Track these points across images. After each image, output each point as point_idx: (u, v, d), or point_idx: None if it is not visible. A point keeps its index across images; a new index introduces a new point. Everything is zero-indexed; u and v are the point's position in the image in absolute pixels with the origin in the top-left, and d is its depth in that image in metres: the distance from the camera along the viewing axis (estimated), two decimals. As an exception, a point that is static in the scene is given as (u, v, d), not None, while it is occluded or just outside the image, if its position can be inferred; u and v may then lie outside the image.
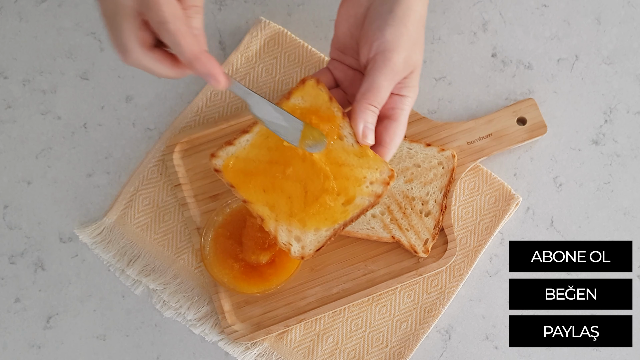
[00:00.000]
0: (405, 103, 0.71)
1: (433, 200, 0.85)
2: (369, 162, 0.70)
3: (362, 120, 0.68)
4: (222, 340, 0.85)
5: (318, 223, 0.71)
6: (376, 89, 0.68)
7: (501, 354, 0.85)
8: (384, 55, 0.68)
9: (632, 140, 0.89)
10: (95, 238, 0.87)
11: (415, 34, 0.70)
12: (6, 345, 0.86)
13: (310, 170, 0.70)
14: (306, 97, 0.71)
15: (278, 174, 0.71)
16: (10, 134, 0.90)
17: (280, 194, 0.71)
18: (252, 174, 0.71)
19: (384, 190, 0.70)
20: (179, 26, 0.61)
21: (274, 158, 0.71)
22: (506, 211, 0.87)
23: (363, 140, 0.69)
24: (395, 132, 0.70)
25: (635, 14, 0.92)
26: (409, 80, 0.71)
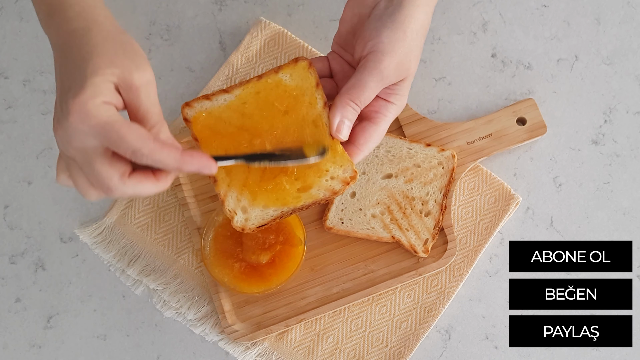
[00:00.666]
0: (390, 110, 0.71)
1: (433, 200, 0.85)
2: (336, 157, 0.69)
3: (339, 114, 0.68)
4: (223, 340, 0.85)
5: (268, 201, 0.70)
6: (361, 87, 0.68)
7: (501, 354, 0.85)
8: (376, 56, 0.68)
9: (632, 140, 0.89)
10: (96, 238, 0.87)
11: (413, 42, 0.69)
12: (6, 345, 0.86)
13: (276, 148, 0.70)
14: (294, 76, 0.71)
15: (244, 141, 0.70)
16: (11, 134, 0.90)
17: None
18: (219, 133, 0.71)
19: (341, 189, 0.70)
20: (152, 146, 0.58)
21: (245, 125, 0.70)
22: (506, 211, 0.87)
23: (336, 133, 0.69)
24: (372, 135, 0.70)
25: (635, 14, 0.92)
26: (398, 87, 0.71)
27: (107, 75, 0.59)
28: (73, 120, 0.57)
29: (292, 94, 0.71)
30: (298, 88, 0.71)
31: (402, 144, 0.86)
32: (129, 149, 0.58)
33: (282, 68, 0.71)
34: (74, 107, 0.57)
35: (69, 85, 0.59)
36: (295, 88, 0.71)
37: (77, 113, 0.57)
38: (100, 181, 0.60)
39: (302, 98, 0.70)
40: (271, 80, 0.71)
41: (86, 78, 0.58)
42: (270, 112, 0.71)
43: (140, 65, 0.61)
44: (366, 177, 0.86)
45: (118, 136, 0.58)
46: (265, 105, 0.71)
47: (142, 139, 0.58)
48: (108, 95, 0.59)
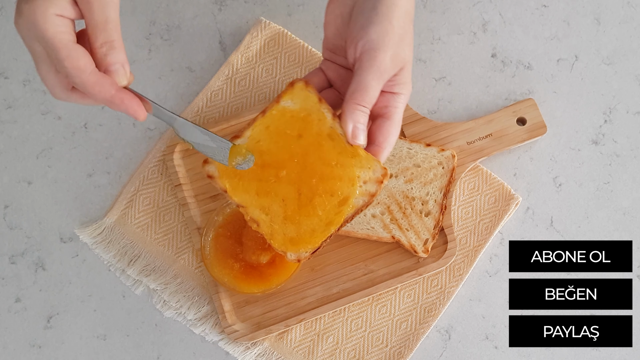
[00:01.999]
0: (399, 100, 0.70)
1: (433, 200, 0.85)
2: (362, 161, 0.69)
3: (351, 120, 0.67)
4: (223, 340, 0.85)
5: (313, 225, 0.70)
6: (364, 89, 0.67)
7: (501, 354, 0.85)
8: (369, 55, 0.67)
9: (632, 140, 0.89)
10: (96, 238, 0.87)
11: (401, 30, 0.69)
12: (6, 345, 0.86)
13: (303, 172, 0.70)
14: (295, 100, 0.71)
15: (271, 177, 0.70)
16: (11, 134, 0.90)
17: (274, 197, 0.70)
18: (244, 178, 0.71)
19: (377, 189, 0.69)
20: (84, 77, 0.60)
21: (266, 161, 0.70)
22: (506, 211, 0.87)
23: (353, 140, 0.68)
24: (390, 130, 0.70)
25: (635, 14, 0.92)
26: (399, 77, 0.70)
27: None
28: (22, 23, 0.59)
29: (300, 117, 0.70)
30: (303, 109, 0.70)
31: (402, 144, 0.86)
32: (63, 71, 0.60)
33: (282, 96, 0.71)
34: (25, 12, 0.59)
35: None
36: (300, 110, 0.70)
37: (26, 19, 0.59)
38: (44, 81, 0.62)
39: (310, 117, 0.70)
40: (275, 111, 0.71)
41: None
42: (285, 141, 0.70)
43: None
44: (366, 177, 0.86)
45: (56, 57, 0.59)
46: (278, 137, 0.70)
47: (78, 69, 0.60)
48: (61, 7, 0.59)
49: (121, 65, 0.63)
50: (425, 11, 0.92)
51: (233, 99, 0.90)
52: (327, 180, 0.69)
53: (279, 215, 0.71)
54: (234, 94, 0.90)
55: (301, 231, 0.70)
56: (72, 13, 0.61)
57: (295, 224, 0.70)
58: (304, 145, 0.70)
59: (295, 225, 0.70)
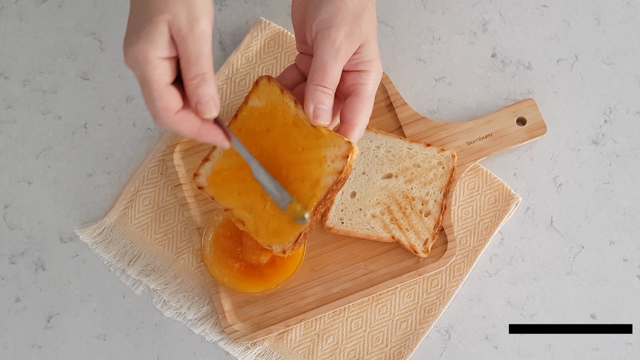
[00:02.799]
0: (366, 78, 0.69)
1: (433, 200, 0.85)
2: (326, 140, 0.69)
3: (311, 102, 0.67)
4: (223, 340, 0.85)
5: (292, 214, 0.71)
6: (321, 69, 0.67)
7: (501, 353, 0.85)
8: (322, 34, 0.67)
9: (632, 140, 0.89)
10: (96, 238, 0.87)
11: (356, 7, 0.68)
12: (6, 345, 0.86)
13: (274, 164, 0.71)
14: (261, 97, 0.72)
15: (248, 175, 0.72)
16: (11, 134, 0.90)
17: (254, 195, 0.72)
18: (227, 182, 0.74)
19: (344, 165, 0.69)
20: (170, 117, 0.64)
21: (242, 162, 0.72)
22: (506, 211, 0.87)
23: (315, 121, 0.68)
24: (357, 107, 0.69)
25: (635, 14, 0.92)
26: (361, 54, 0.69)
27: (160, 23, 0.63)
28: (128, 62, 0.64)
29: (267, 112, 0.72)
30: (269, 104, 0.72)
31: (402, 144, 0.86)
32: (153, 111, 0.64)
33: (249, 96, 0.73)
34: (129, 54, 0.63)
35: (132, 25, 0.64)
36: (266, 106, 0.72)
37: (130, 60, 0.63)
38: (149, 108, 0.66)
39: (275, 110, 0.71)
40: (245, 112, 0.73)
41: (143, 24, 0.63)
42: (255, 138, 0.72)
43: (193, 13, 0.63)
44: (366, 177, 0.86)
45: (149, 95, 0.63)
46: (249, 136, 0.72)
47: (164, 110, 0.64)
48: (160, 48, 0.63)
49: (212, 98, 0.65)
50: (425, 11, 0.92)
51: (233, 99, 0.90)
52: (296, 166, 0.70)
53: (260, 210, 0.73)
54: (234, 94, 0.90)
55: (281, 222, 0.72)
56: (171, 52, 0.64)
57: (275, 216, 0.72)
58: (272, 138, 0.71)
59: (274, 217, 0.72)
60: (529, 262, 0.87)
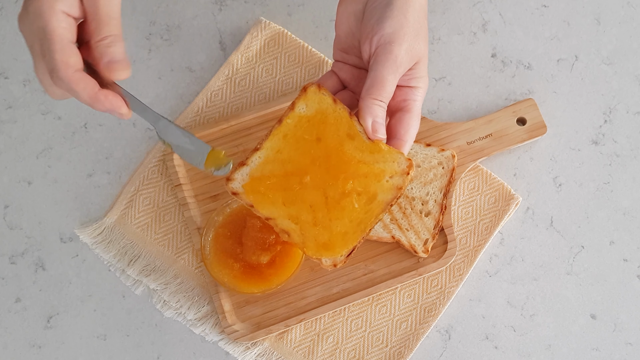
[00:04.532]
0: (417, 94, 0.70)
1: (433, 200, 0.85)
2: (385, 155, 0.68)
3: (369, 115, 0.67)
4: (223, 340, 0.85)
5: (344, 227, 0.70)
6: (380, 83, 0.67)
7: (501, 353, 0.85)
8: (385, 49, 0.67)
9: (632, 140, 0.89)
10: (96, 238, 0.87)
11: (417, 24, 0.69)
12: (6, 345, 0.86)
13: (327, 175, 0.69)
14: (310, 104, 0.70)
15: (295, 185, 0.69)
16: (11, 134, 0.90)
17: (301, 205, 0.70)
18: (269, 190, 0.70)
19: (404, 182, 0.68)
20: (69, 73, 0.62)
21: (288, 170, 0.70)
22: (506, 211, 0.87)
23: (374, 135, 0.68)
24: (410, 123, 0.69)
25: (635, 14, 0.92)
26: (415, 71, 0.70)
27: None
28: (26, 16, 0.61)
29: (316, 121, 0.70)
30: (319, 113, 0.70)
31: (402, 144, 0.86)
32: (50, 66, 0.61)
33: (296, 102, 0.70)
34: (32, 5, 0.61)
35: None
36: (315, 114, 0.70)
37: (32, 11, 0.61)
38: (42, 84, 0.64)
39: (327, 119, 0.69)
40: (290, 119, 0.70)
41: None
42: (305, 147, 0.70)
43: None
44: (366, 177, 0.86)
45: (48, 48, 0.61)
46: (297, 144, 0.70)
47: (66, 64, 0.61)
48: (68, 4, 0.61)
49: (124, 57, 0.64)
50: (425, 11, 0.92)
51: (233, 99, 0.90)
52: (352, 180, 0.69)
53: (308, 222, 0.70)
54: (234, 94, 0.90)
55: (333, 235, 0.70)
56: (78, 12, 0.63)
57: (326, 229, 0.70)
58: (324, 148, 0.69)
59: (326, 229, 0.70)
60: (529, 262, 0.87)
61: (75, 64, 0.62)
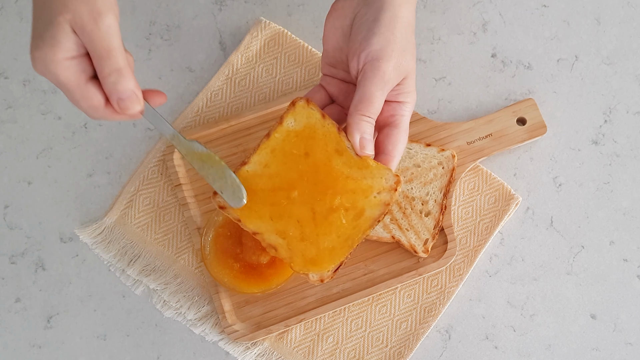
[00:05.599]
0: (404, 109, 0.71)
1: (433, 200, 0.85)
2: (372, 171, 0.69)
3: (357, 131, 0.67)
4: (223, 340, 0.85)
5: (331, 242, 0.70)
6: (368, 100, 0.67)
7: (501, 353, 0.85)
8: (372, 65, 0.68)
9: (632, 140, 0.89)
10: (96, 238, 0.87)
11: (404, 40, 0.69)
12: (6, 345, 0.86)
13: (314, 190, 0.69)
14: (298, 119, 0.70)
15: (283, 200, 0.70)
16: (11, 134, 0.90)
17: (289, 220, 0.70)
18: (256, 204, 0.70)
19: (392, 197, 0.69)
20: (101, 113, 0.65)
21: (276, 184, 0.70)
22: (506, 211, 0.87)
23: (361, 151, 0.68)
24: (398, 138, 0.70)
25: (635, 14, 0.92)
26: (403, 86, 0.70)
27: (62, 24, 0.62)
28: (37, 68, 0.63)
29: (304, 135, 0.70)
30: (307, 128, 0.70)
31: (402, 144, 0.86)
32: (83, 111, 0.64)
33: (284, 117, 0.70)
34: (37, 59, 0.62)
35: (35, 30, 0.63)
36: (304, 129, 0.70)
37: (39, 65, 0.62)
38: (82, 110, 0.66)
39: (315, 134, 0.69)
40: (279, 133, 0.70)
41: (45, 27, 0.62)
42: (293, 162, 0.70)
43: (95, 9, 0.62)
44: (366, 177, 0.86)
45: (72, 98, 0.63)
46: (285, 158, 0.70)
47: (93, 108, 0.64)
48: (66, 49, 0.62)
49: (132, 92, 0.64)
50: (425, 11, 0.92)
51: (233, 99, 0.90)
52: (340, 195, 0.69)
53: (295, 237, 0.70)
54: (234, 94, 0.90)
55: (320, 250, 0.70)
56: (80, 50, 0.63)
57: (314, 244, 0.70)
58: (312, 163, 0.69)
59: (313, 245, 0.70)
60: (529, 262, 0.87)
61: (99, 102, 0.64)
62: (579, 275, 0.87)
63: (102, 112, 0.64)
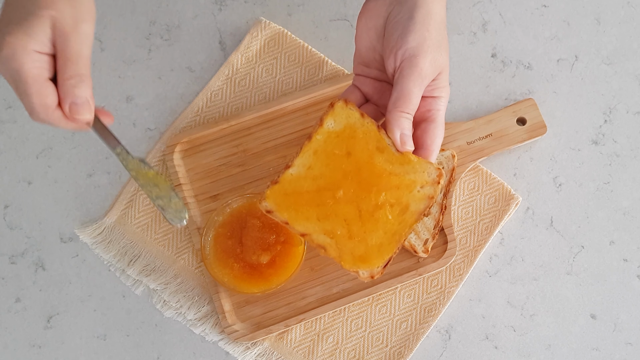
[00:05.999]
0: (440, 103, 0.71)
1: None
2: (415, 166, 0.70)
3: (397, 128, 0.68)
4: (223, 340, 0.85)
5: (379, 239, 0.71)
6: (407, 96, 0.68)
7: (501, 353, 0.85)
8: (410, 62, 0.68)
9: (632, 140, 0.89)
10: (96, 238, 0.87)
11: (439, 36, 0.70)
12: (7, 345, 0.86)
13: (359, 189, 0.70)
14: (338, 119, 0.72)
15: (329, 200, 0.71)
16: (11, 134, 0.90)
17: (336, 219, 0.71)
18: (303, 206, 0.72)
19: (435, 190, 0.70)
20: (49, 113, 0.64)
21: (321, 185, 0.71)
22: (506, 211, 0.87)
23: (402, 147, 0.69)
24: (435, 132, 0.71)
25: (635, 14, 0.92)
26: (438, 81, 0.71)
27: (43, 18, 0.62)
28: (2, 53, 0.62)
29: (345, 136, 0.71)
30: (347, 128, 0.71)
31: (402, 144, 0.86)
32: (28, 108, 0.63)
33: (324, 118, 0.72)
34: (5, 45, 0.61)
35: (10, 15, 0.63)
36: (344, 129, 0.71)
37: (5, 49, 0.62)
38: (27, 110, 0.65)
39: (356, 134, 0.71)
40: (320, 135, 0.72)
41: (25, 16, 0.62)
42: (336, 162, 0.71)
43: (79, 14, 0.63)
44: (366, 177, 0.85)
45: (25, 91, 0.62)
46: (328, 159, 0.71)
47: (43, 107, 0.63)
48: (40, 42, 0.62)
49: (86, 100, 0.65)
50: (425, 11, 0.92)
51: (233, 99, 0.90)
52: (385, 192, 0.70)
53: (343, 236, 0.71)
54: (234, 94, 0.90)
55: (369, 247, 0.71)
56: (50, 49, 0.64)
57: (362, 241, 0.71)
58: (354, 162, 0.71)
59: (361, 242, 0.71)
60: (529, 262, 0.87)
61: (52, 103, 0.63)
62: (579, 275, 0.87)
63: (50, 114, 0.64)
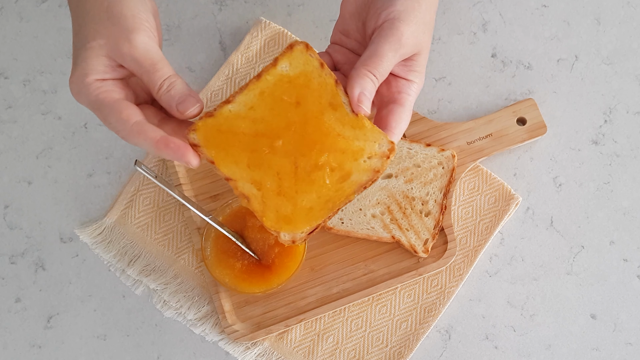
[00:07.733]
0: (411, 88, 0.68)
1: (433, 200, 0.85)
2: (366, 133, 0.63)
3: (358, 85, 0.63)
4: (223, 340, 0.85)
5: (310, 202, 0.64)
6: (379, 57, 0.64)
7: (501, 353, 0.85)
8: (391, 24, 0.65)
9: (632, 140, 0.89)
10: (96, 238, 0.87)
11: (427, 14, 0.67)
12: (6, 345, 0.86)
13: (300, 143, 0.63)
14: (294, 64, 0.64)
15: (265, 147, 0.64)
16: (11, 134, 0.90)
17: (268, 170, 0.64)
18: (235, 148, 0.64)
19: (383, 165, 0.63)
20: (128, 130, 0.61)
21: (259, 130, 0.64)
22: (506, 211, 0.87)
23: (358, 106, 0.63)
24: (401, 116, 0.66)
25: (635, 14, 0.92)
26: (415, 63, 0.68)
27: (94, 49, 0.62)
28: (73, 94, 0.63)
29: (298, 83, 0.64)
30: (302, 75, 0.64)
31: (402, 144, 0.86)
32: (111, 128, 0.62)
33: (279, 59, 0.65)
34: (71, 85, 0.63)
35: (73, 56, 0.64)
36: (299, 76, 0.64)
37: (72, 90, 0.63)
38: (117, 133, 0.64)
39: (310, 83, 0.64)
40: (271, 76, 0.65)
41: (79, 52, 0.63)
42: (282, 108, 0.64)
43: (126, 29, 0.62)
44: (366, 177, 0.85)
45: (101, 114, 0.62)
46: (273, 103, 0.64)
47: (121, 123, 0.61)
48: (100, 71, 0.62)
49: (188, 94, 0.63)
50: (425, 11, 0.92)
51: (233, 99, 0.90)
52: (328, 153, 0.63)
53: (272, 190, 0.64)
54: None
55: (297, 208, 0.64)
56: (115, 74, 0.63)
57: (291, 201, 0.64)
58: (302, 113, 0.64)
59: (290, 201, 0.64)
60: (529, 262, 0.87)
61: (129, 116, 0.61)
62: (579, 275, 0.87)
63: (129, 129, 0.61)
